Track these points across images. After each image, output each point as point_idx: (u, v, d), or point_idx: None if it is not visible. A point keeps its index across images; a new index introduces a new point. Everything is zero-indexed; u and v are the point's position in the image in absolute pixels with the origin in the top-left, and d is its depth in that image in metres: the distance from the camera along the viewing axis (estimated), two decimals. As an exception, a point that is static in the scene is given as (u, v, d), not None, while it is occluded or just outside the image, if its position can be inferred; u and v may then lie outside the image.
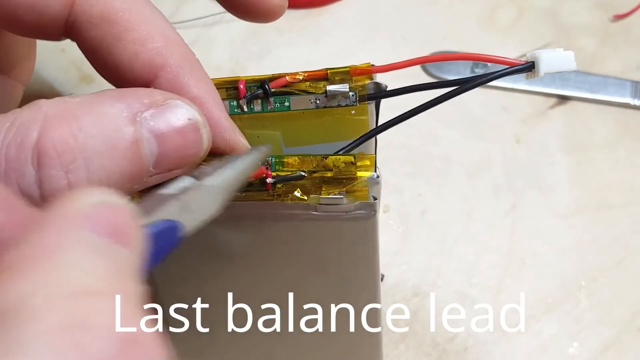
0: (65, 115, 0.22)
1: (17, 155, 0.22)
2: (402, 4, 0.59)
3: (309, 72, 0.30)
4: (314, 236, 0.29)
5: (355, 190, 0.28)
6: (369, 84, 0.30)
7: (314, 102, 0.30)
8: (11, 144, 0.22)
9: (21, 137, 0.22)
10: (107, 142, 0.23)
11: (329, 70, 0.30)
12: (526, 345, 0.43)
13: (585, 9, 0.59)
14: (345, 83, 0.29)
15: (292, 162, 0.28)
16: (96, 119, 0.23)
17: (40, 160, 0.22)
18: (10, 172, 0.22)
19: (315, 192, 0.28)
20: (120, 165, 0.23)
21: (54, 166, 0.22)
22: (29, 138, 0.22)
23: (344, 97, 0.29)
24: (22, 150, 0.22)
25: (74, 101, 0.23)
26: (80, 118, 0.23)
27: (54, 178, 0.22)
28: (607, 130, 0.52)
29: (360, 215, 0.28)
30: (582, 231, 0.48)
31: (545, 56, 0.27)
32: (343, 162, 0.28)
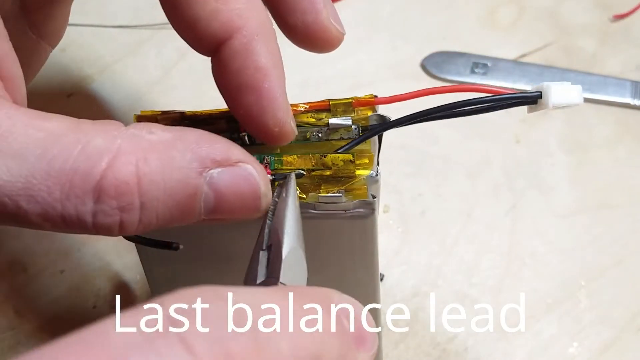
0: (135, 154, 0.23)
1: (81, 183, 0.22)
2: (402, 4, 0.59)
3: (310, 104, 0.30)
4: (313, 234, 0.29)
5: (354, 189, 0.28)
6: (372, 116, 0.30)
7: (316, 135, 0.30)
8: (79, 171, 0.22)
9: (89, 167, 0.22)
10: (167, 190, 0.23)
11: (331, 101, 0.29)
12: (526, 345, 0.43)
13: (585, 9, 0.59)
14: (347, 115, 0.29)
15: (291, 161, 0.28)
16: (164, 166, 0.23)
17: (100, 195, 0.22)
18: (71, 196, 0.22)
19: (314, 191, 0.28)
20: (173, 211, 0.24)
21: (110, 204, 0.23)
22: (96, 170, 0.22)
23: (346, 131, 0.29)
24: (87, 181, 0.22)
25: (149, 139, 0.23)
26: (150, 162, 0.23)
27: (107, 214, 0.23)
28: (607, 130, 0.52)
29: (359, 213, 0.28)
30: (582, 231, 0.47)
31: (555, 88, 0.27)
32: (342, 160, 0.28)
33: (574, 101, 0.27)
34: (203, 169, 0.24)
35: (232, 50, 0.27)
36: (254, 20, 0.27)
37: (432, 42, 0.56)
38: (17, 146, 0.22)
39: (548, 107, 0.27)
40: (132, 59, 0.56)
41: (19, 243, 0.47)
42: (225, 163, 0.24)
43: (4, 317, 0.44)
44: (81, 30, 0.56)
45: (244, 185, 0.25)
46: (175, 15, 0.27)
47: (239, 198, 0.25)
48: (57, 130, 0.23)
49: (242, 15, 0.27)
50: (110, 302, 0.44)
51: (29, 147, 0.22)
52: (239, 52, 0.27)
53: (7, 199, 0.22)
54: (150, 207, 0.23)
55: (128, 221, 0.23)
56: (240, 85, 0.27)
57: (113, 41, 0.56)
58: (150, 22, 0.57)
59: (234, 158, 0.25)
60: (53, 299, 0.45)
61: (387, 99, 0.29)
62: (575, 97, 0.27)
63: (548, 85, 0.27)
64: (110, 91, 0.53)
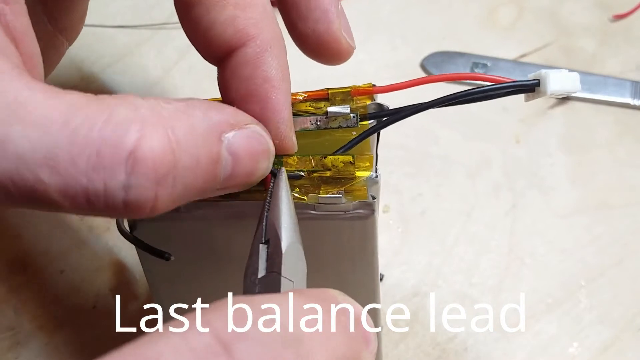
0: (162, 124, 0.22)
1: (111, 154, 0.21)
2: (402, 4, 0.59)
3: (309, 92, 0.30)
4: (313, 235, 0.29)
5: (354, 190, 0.28)
6: (371, 105, 0.30)
7: (314, 123, 0.30)
8: (107, 141, 0.21)
9: (119, 136, 0.21)
10: (195, 157, 0.23)
11: (330, 90, 0.29)
12: (526, 345, 0.43)
13: (585, 9, 0.59)
14: (346, 104, 0.29)
15: (291, 162, 0.28)
16: (189, 132, 0.22)
17: (135, 167, 0.21)
18: (99, 169, 0.21)
19: (314, 192, 0.28)
20: (199, 181, 0.23)
21: (147, 177, 0.21)
22: (127, 139, 0.21)
23: (345, 119, 0.29)
24: (118, 151, 0.21)
25: (167, 108, 0.23)
26: (176, 129, 0.22)
27: (143, 188, 0.21)
28: (607, 130, 0.52)
29: (359, 214, 0.28)
30: (582, 231, 0.47)
31: (552, 75, 0.27)
32: (342, 161, 0.28)
33: (572, 88, 0.27)
34: (221, 134, 0.24)
35: (244, 58, 0.27)
36: (269, 32, 0.27)
37: (432, 42, 0.56)
38: (36, 117, 0.21)
39: (546, 94, 0.27)
40: (132, 59, 0.56)
41: (19, 243, 0.47)
42: (237, 126, 0.24)
43: (4, 317, 0.44)
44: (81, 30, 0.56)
45: (257, 146, 0.25)
46: (189, 17, 0.27)
47: (253, 159, 0.25)
48: (78, 101, 0.21)
49: (257, 24, 0.27)
50: (110, 302, 0.44)
51: (51, 116, 0.21)
52: (250, 61, 0.27)
53: (26, 171, 0.21)
54: (181, 179, 0.22)
55: (162, 195, 0.22)
56: (247, 94, 0.27)
57: (113, 41, 0.56)
58: (150, 22, 0.57)
59: (244, 121, 0.25)
60: (53, 299, 0.45)
61: (385, 87, 0.29)
62: (573, 85, 0.27)
63: (546, 73, 0.27)
64: (110, 91, 0.53)
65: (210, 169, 0.23)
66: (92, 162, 0.21)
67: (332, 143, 0.30)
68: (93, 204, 0.21)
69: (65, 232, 0.47)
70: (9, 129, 0.21)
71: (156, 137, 0.21)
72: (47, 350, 0.43)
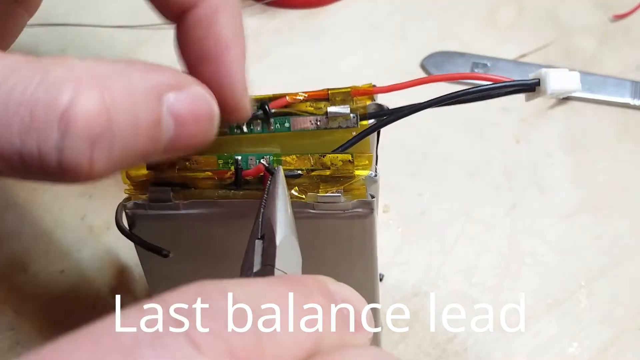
0: (98, 83, 0.21)
1: (44, 114, 0.20)
2: (402, 4, 0.59)
3: (309, 92, 0.30)
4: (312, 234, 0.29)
5: (353, 189, 0.28)
6: (371, 105, 0.30)
7: (314, 123, 0.30)
8: (40, 101, 0.20)
9: (52, 96, 0.20)
10: (132, 119, 0.22)
11: (330, 90, 0.29)
12: (526, 345, 0.43)
13: (585, 9, 0.59)
14: (346, 104, 0.29)
15: (290, 161, 0.28)
16: (126, 93, 0.22)
17: (68, 127, 0.21)
18: (32, 130, 0.21)
19: (313, 191, 0.28)
20: (139, 144, 0.22)
21: (80, 137, 0.21)
22: (60, 100, 0.20)
23: (344, 119, 0.29)
24: (50, 111, 0.20)
25: (105, 67, 0.22)
26: (113, 89, 0.21)
27: (77, 149, 0.21)
28: (607, 130, 0.52)
29: (357, 213, 0.28)
30: (582, 231, 0.47)
31: (553, 74, 0.27)
32: (341, 160, 0.28)
33: (572, 87, 0.27)
34: (160, 95, 0.23)
35: (196, 19, 0.26)
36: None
37: (432, 42, 0.56)
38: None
39: (546, 94, 0.27)
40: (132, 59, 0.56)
41: (19, 243, 0.47)
42: (179, 87, 0.23)
43: (4, 317, 0.44)
44: (81, 30, 0.56)
45: (201, 107, 0.24)
46: None
47: (196, 121, 0.24)
48: (17, 63, 0.21)
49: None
50: (110, 302, 0.44)
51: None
52: (202, 21, 0.26)
53: None
54: (119, 140, 0.22)
55: (98, 158, 0.21)
56: (200, 56, 0.27)
57: (113, 41, 0.56)
58: (150, 22, 0.57)
59: (185, 82, 0.24)
60: (53, 299, 0.45)
61: (385, 87, 0.29)
62: (573, 84, 0.27)
63: (546, 72, 0.27)
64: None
65: (151, 130, 0.23)
66: (25, 123, 0.21)
67: (332, 143, 0.30)
68: (28, 166, 0.21)
69: (65, 232, 0.47)
70: None
71: (90, 96, 0.21)
72: (47, 350, 0.43)
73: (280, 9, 0.57)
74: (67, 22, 0.56)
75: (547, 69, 0.27)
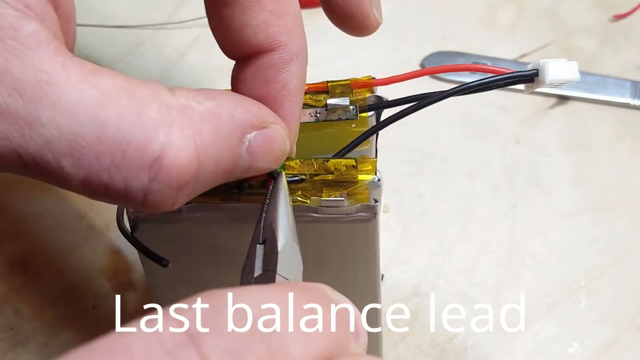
0: (191, 128, 0.22)
1: (136, 156, 0.21)
2: (402, 4, 0.59)
3: (309, 85, 0.30)
4: (315, 238, 0.29)
5: (356, 193, 0.28)
6: (370, 97, 0.30)
7: (314, 116, 0.30)
8: (134, 142, 0.21)
9: (146, 139, 0.21)
10: (217, 161, 0.23)
11: (330, 83, 0.30)
12: (526, 345, 0.43)
13: (585, 9, 0.59)
14: (345, 96, 0.29)
15: (294, 165, 0.28)
16: (215, 136, 0.22)
17: (158, 174, 0.21)
18: (122, 168, 0.21)
19: (317, 195, 0.28)
20: (217, 180, 0.23)
21: (169, 185, 0.21)
22: (153, 144, 0.21)
23: (344, 111, 0.29)
24: (143, 155, 0.21)
25: (197, 110, 0.22)
26: (204, 133, 0.22)
27: (164, 194, 0.22)
28: (607, 130, 0.52)
29: (361, 217, 0.28)
30: (582, 231, 0.48)
31: (551, 64, 0.27)
32: (344, 165, 0.28)
33: (571, 77, 0.27)
34: (243, 136, 0.24)
35: (270, 62, 0.27)
36: (298, 41, 0.27)
37: (432, 42, 0.56)
38: (69, 102, 0.20)
39: (545, 83, 0.27)
40: (132, 59, 0.56)
41: (19, 243, 0.47)
42: (259, 126, 0.24)
43: (4, 317, 0.44)
44: (81, 30, 0.56)
45: (274, 146, 0.25)
46: (220, 16, 0.27)
47: (270, 157, 0.25)
48: (111, 90, 0.21)
49: (289, 32, 0.27)
50: (110, 302, 0.44)
51: (82, 104, 0.21)
52: (275, 66, 0.27)
53: (50, 156, 0.21)
54: (201, 181, 0.22)
55: (181, 199, 0.22)
56: (263, 96, 0.27)
57: (113, 41, 0.56)
58: (150, 22, 0.57)
59: (267, 120, 0.25)
60: (53, 299, 0.45)
61: (384, 80, 0.30)
62: (572, 73, 0.27)
63: (544, 62, 0.27)
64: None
65: (229, 169, 0.23)
66: (116, 161, 0.21)
67: (332, 136, 0.30)
68: (112, 198, 0.22)
69: (65, 232, 0.47)
70: (40, 111, 0.20)
71: (184, 144, 0.21)
72: (47, 350, 0.43)
73: (280, 9, 0.57)
74: (67, 22, 0.56)
75: (545, 59, 0.27)
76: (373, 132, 0.30)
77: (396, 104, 0.29)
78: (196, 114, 0.22)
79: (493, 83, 0.28)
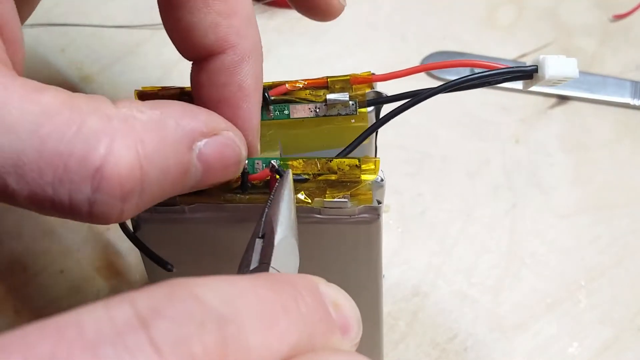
0: (132, 138, 0.22)
1: (78, 168, 0.21)
2: (402, 3, 0.59)
3: (309, 80, 0.30)
4: (318, 239, 0.29)
5: (359, 194, 0.28)
6: (369, 93, 0.30)
7: (313, 111, 0.30)
8: (74, 154, 0.21)
9: (86, 151, 0.21)
10: (163, 170, 0.22)
11: (329, 78, 0.30)
12: (526, 345, 0.43)
13: (585, 9, 0.59)
14: (345, 92, 0.29)
15: (297, 165, 0.28)
16: (160, 145, 0.22)
17: (100, 184, 0.21)
18: (65, 181, 0.21)
19: (320, 195, 0.28)
20: (166, 190, 0.23)
21: (112, 194, 0.21)
22: (94, 155, 0.21)
23: (344, 106, 0.29)
24: (84, 166, 0.21)
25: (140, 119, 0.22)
26: (147, 142, 0.22)
27: (108, 204, 0.21)
28: (606, 130, 0.52)
29: (364, 218, 0.28)
30: (582, 231, 0.48)
31: (550, 60, 0.27)
32: (347, 165, 0.28)
33: (570, 73, 0.27)
34: (192, 143, 0.23)
35: (221, 65, 0.27)
36: (249, 41, 0.27)
37: (432, 42, 0.56)
38: (10, 120, 0.21)
39: (544, 79, 0.27)
40: (132, 59, 0.56)
41: (19, 243, 0.47)
42: (210, 134, 0.24)
43: (4, 317, 0.44)
44: (81, 30, 0.56)
45: (228, 153, 0.25)
46: (171, 18, 0.27)
47: (224, 166, 0.25)
48: (51, 106, 0.21)
49: (239, 33, 0.26)
50: (110, 302, 0.44)
51: (22, 123, 0.21)
52: (227, 68, 0.27)
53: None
54: (148, 190, 0.22)
55: (128, 209, 0.22)
56: (219, 100, 0.27)
57: (113, 41, 0.56)
58: (150, 22, 0.57)
59: (217, 127, 0.25)
60: (53, 299, 0.45)
61: (384, 75, 0.29)
62: (571, 69, 0.27)
63: (544, 58, 0.27)
64: (110, 91, 0.53)
65: (179, 178, 0.23)
66: (58, 174, 0.21)
67: (332, 132, 0.30)
68: (58, 211, 0.22)
69: (65, 232, 0.47)
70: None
71: (125, 152, 0.21)
72: (48, 350, 0.43)
73: (280, 9, 0.57)
74: (67, 22, 0.56)
75: (544, 55, 0.27)
76: (373, 129, 0.29)
77: (395, 99, 0.29)
78: (138, 123, 0.22)
79: (493, 78, 0.28)
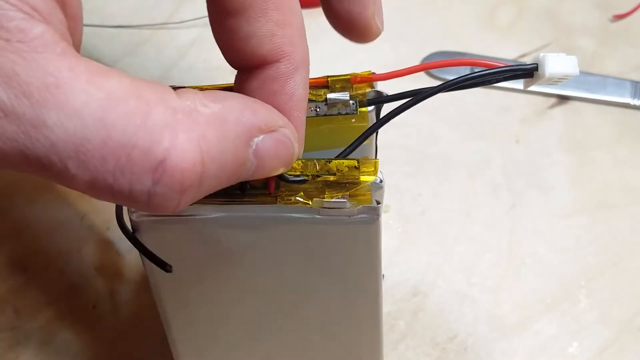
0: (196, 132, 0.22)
1: (140, 160, 0.21)
2: (401, 4, 0.59)
3: (309, 80, 0.30)
4: (317, 240, 0.29)
5: (359, 195, 0.28)
6: (370, 92, 0.30)
7: (314, 110, 0.30)
8: (138, 145, 0.21)
9: (150, 143, 0.21)
10: (222, 165, 0.23)
11: (330, 77, 0.30)
12: (526, 345, 0.43)
13: (585, 9, 0.59)
14: (345, 91, 0.29)
15: (295, 166, 0.28)
16: (221, 140, 0.23)
17: (162, 178, 0.21)
18: (126, 172, 0.21)
19: (318, 196, 0.28)
20: (222, 183, 0.23)
21: (172, 188, 0.22)
22: (158, 148, 0.21)
23: (344, 106, 0.29)
24: (147, 159, 0.21)
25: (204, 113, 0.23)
26: (209, 139, 0.22)
27: (167, 197, 0.22)
28: (606, 130, 0.52)
29: (363, 219, 0.28)
30: (582, 231, 0.48)
31: (550, 58, 0.27)
32: (346, 166, 0.28)
33: (570, 71, 0.27)
34: (250, 139, 0.24)
35: (275, 73, 0.27)
36: (301, 52, 0.27)
37: (431, 42, 0.56)
38: (76, 103, 0.21)
39: (544, 77, 0.27)
40: (132, 59, 0.56)
41: (19, 243, 0.47)
42: (267, 130, 0.24)
43: (4, 317, 0.44)
44: (81, 30, 0.56)
45: (283, 149, 0.25)
46: (225, 25, 0.27)
47: (277, 161, 0.25)
48: (117, 92, 0.21)
49: (293, 43, 0.27)
50: (110, 302, 0.44)
51: (88, 108, 0.21)
52: (281, 77, 0.27)
53: (56, 158, 0.21)
54: (205, 185, 0.23)
55: (185, 202, 0.22)
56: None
57: (113, 41, 0.56)
58: (150, 22, 0.57)
59: (276, 124, 0.25)
60: (53, 299, 0.45)
61: (384, 75, 0.30)
62: (571, 67, 0.27)
63: (544, 56, 0.27)
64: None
65: (234, 172, 0.24)
66: (120, 164, 0.21)
67: (332, 132, 0.30)
68: (117, 199, 0.22)
69: (65, 232, 0.47)
70: (46, 114, 0.20)
71: (188, 147, 0.22)
72: (47, 350, 0.43)
73: (280, 9, 0.57)
74: (66, 22, 0.56)
75: (544, 53, 0.27)
76: (374, 129, 0.29)
77: (396, 99, 0.29)
78: (202, 117, 0.22)
79: (493, 76, 0.28)
